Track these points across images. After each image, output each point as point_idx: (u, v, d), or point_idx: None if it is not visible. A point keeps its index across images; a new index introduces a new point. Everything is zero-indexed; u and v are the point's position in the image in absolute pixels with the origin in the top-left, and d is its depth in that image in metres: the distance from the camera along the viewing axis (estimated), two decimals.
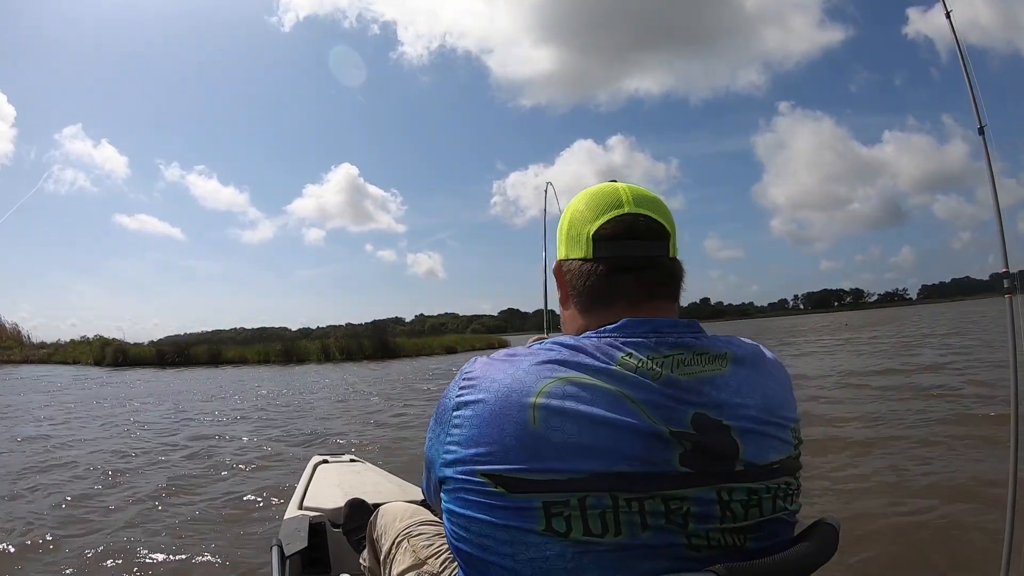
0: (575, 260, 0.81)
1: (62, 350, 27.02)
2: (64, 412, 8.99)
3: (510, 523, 0.65)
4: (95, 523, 3.55)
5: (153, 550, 3.06)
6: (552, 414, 0.65)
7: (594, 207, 0.81)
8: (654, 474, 0.65)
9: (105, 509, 3.84)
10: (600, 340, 0.72)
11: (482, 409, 0.69)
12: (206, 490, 4.24)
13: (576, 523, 0.63)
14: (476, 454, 0.68)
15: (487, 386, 0.70)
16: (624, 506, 0.64)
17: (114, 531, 3.38)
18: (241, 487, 4.29)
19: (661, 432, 0.66)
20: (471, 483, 0.68)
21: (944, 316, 32.42)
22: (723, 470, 0.68)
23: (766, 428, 0.72)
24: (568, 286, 0.83)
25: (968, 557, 2.64)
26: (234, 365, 22.12)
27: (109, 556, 2.99)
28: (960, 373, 7.67)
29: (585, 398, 0.66)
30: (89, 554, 3.02)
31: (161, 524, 3.48)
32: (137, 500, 4.01)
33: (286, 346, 24.23)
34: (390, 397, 9.99)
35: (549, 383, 0.67)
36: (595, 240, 0.79)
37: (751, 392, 0.73)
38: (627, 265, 0.79)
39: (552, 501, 0.64)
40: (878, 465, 4.06)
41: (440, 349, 26.74)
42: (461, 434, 0.70)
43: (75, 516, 3.69)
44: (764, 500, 0.70)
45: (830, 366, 10.71)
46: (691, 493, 0.66)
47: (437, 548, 1.08)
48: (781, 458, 0.73)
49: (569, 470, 0.64)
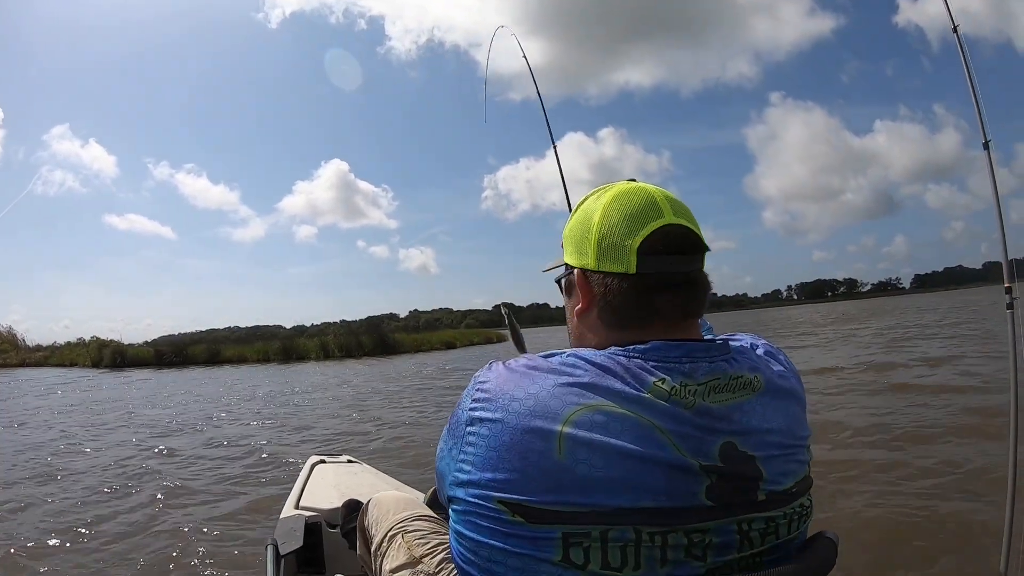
0: (612, 274, 0.74)
1: (58, 352, 26.91)
2: (67, 416, 8.97)
3: (524, 551, 0.63)
4: (93, 522, 3.55)
5: (149, 548, 3.08)
6: (579, 445, 0.62)
7: (634, 216, 0.74)
8: (679, 508, 0.63)
9: (104, 508, 3.84)
10: (630, 361, 0.68)
11: (500, 430, 0.64)
12: (203, 489, 4.23)
13: (595, 555, 0.61)
14: (493, 479, 0.64)
15: (506, 404, 0.66)
16: (647, 540, 0.62)
17: (111, 530, 3.39)
18: (238, 486, 4.28)
19: (690, 466, 0.64)
20: (485, 508, 0.64)
21: (942, 306, 32.26)
22: (746, 500, 0.67)
23: (788, 452, 0.71)
24: (596, 298, 0.76)
25: (968, 552, 2.66)
26: (233, 364, 22.02)
27: (106, 556, 3.01)
28: (966, 371, 7.63)
29: (613, 429, 0.63)
30: (86, 554, 3.03)
31: (157, 523, 3.49)
32: (134, 499, 4.02)
33: (285, 344, 24.11)
34: (390, 395, 9.96)
35: (576, 411, 0.63)
36: (639, 255, 0.72)
37: (776, 416, 0.72)
38: (668, 282, 0.73)
39: (572, 532, 0.61)
40: (878, 458, 4.10)
41: (439, 345, 26.75)
42: (476, 454, 0.66)
43: (75, 515, 3.70)
44: (781, 526, 0.69)
45: (851, 356, 10.43)
46: (712, 525, 0.65)
47: (432, 547, 1.05)
48: (798, 480, 0.72)
49: (593, 504, 0.61)
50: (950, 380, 6.91)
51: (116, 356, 23.36)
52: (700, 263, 0.76)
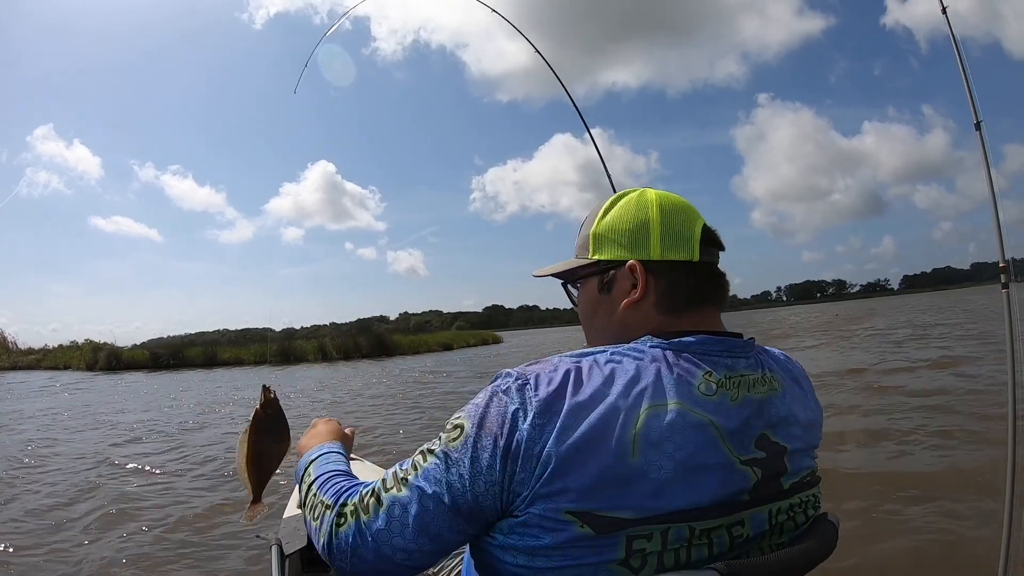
0: (677, 262, 0.77)
1: (51, 355, 26.42)
2: (71, 418, 8.78)
3: (584, 560, 0.62)
4: (93, 522, 3.51)
5: (152, 549, 3.04)
6: (650, 447, 0.62)
7: (685, 212, 0.81)
8: (726, 503, 0.66)
9: (103, 508, 3.80)
10: (679, 356, 0.70)
11: (571, 439, 0.62)
12: (205, 489, 4.21)
13: (652, 560, 0.62)
14: (564, 489, 0.61)
15: (574, 411, 0.63)
16: (697, 538, 0.64)
17: (113, 530, 3.35)
18: (240, 486, 4.20)
19: (737, 463, 0.67)
20: (549, 522, 0.62)
21: (939, 305, 32.38)
22: (775, 491, 0.71)
23: (808, 445, 0.78)
24: (654, 289, 0.77)
25: (966, 555, 2.65)
26: (229, 366, 21.85)
27: (108, 556, 2.97)
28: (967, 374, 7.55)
29: (678, 429, 0.64)
30: (87, 555, 2.99)
31: (161, 523, 3.45)
32: (136, 499, 3.97)
33: (282, 346, 23.82)
34: (391, 395, 9.93)
35: (645, 411, 0.63)
36: (702, 245, 0.79)
37: (799, 410, 0.77)
38: (714, 272, 0.81)
39: (636, 535, 0.62)
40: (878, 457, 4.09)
41: (437, 347, 26.63)
42: (542, 471, 0.62)
43: (73, 515, 3.65)
44: (798, 513, 0.74)
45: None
46: (748, 516, 0.68)
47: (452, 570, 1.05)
48: (811, 470, 0.78)
49: (662, 507, 0.62)
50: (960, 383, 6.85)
51: (111, 359, 23.02)
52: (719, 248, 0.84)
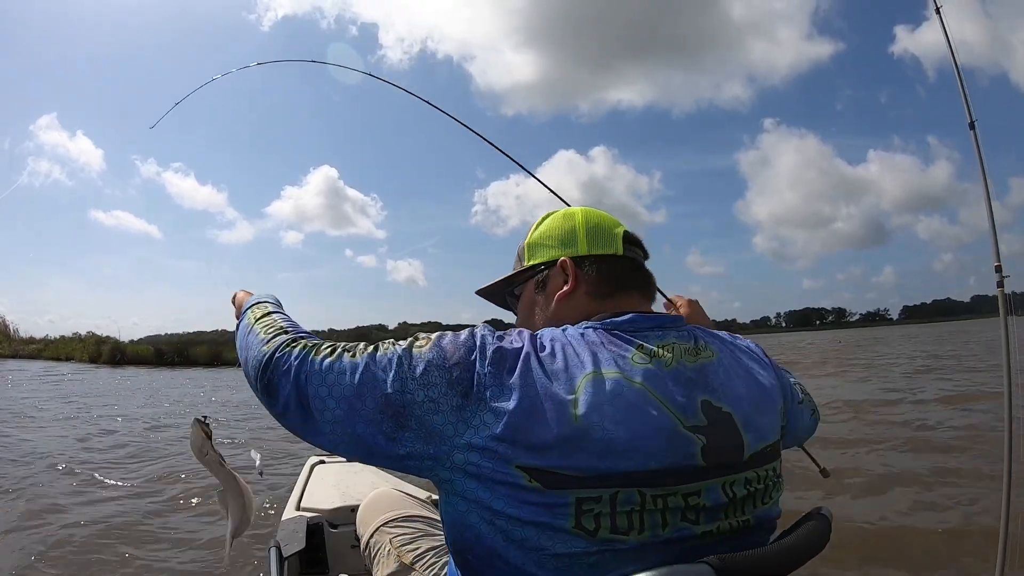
0: (602, 255, 0.86)
1: (52, 345, 26.21)
2: (80, 409, 8.80)
3: (540, 519, 0.64)
4: (90, 521, 3.46)
5: (150, 550, 3.00)
6: (591, 410, 0.65)
7: (607, 217, 0.91)
8: (677, 469, 0.67)
9: (101, 508, 3.75)
10: (611, 333, 0.75)
11: (522, 396, 0.65)
12: (203, 490, 4.14)
13: (605, 521, 0.63)
14: (513, 444, 0.64)
15: (525, 371, 0.67)
16: (650, 503, 0.65)
17: (111, 531, 3.29)
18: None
19: (680, 427, 0.68)
20: (501, 475, 0.64)
21: (941, 335, 32.17)
22: (732, 461, 0.71)
23: (759, 412, 0.77)
24: (584, 280, 0.85)
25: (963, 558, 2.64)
26: (235, 367, 21.65)
27: (105, 556, 2.92)
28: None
29: (614, 393, 0.67)
30: (86, 554, 2.94)
31: (158, 524, 3.41)
32: (134, 500, 3.92)
33: None
34: None
35: (586, 376, 0.67)
36: (625, 241, 0.87)
37: (740, 375, 0.79)
38: (639, 267, 0.88)
39: (585, 497, 0.63)
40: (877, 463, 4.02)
41: None
42: (496, 419, 0.65)
43: (70, 514, 3.59)
44: (759, 491, 0.73)
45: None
46: (704, 486, 0.68)
47: (422, 552, 1.04)
48: (773, 441, 0.77)
49: (607, 468, 0.64)
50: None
51: (115, 352, 22.73)
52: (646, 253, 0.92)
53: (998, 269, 1.82)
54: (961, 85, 2.01)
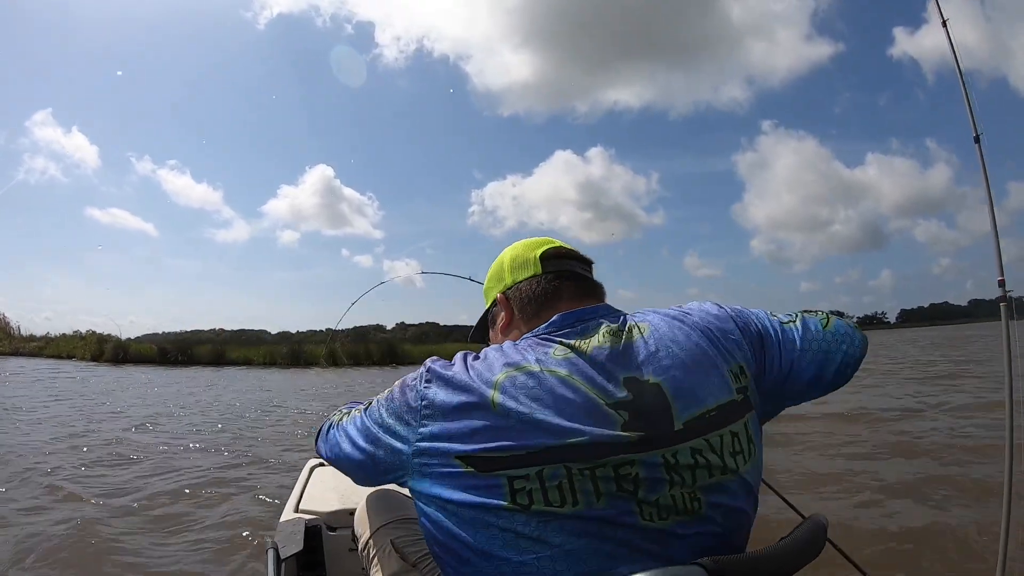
0: (524, 280, 0.95)
1: (53, 343, 25.97)
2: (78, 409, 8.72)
3: (479, 500, 0.72)
4: (87, 521, 3.42)
5: (147, 552, 2.98)
6: (508, 399, 0.74)
7: (531, 244, 0.99)
8: (602, 443, 0.71)
9: (98, 507, 3.71)
10: (536, 338, 0.84)
11: (449, 398, 0.77)
12: (201, 491, 4.14)
13: (537, 495, 0.70)
14: (448, 439, 0.75)
15: (449, 379, 0.79)
16: (577, 475, 0.70)
17: (107, 530, 3.27)
18: (237, 489, 4.20)
19: (600, 403, 0.74)
20: (446, 465, 0.75)
21: (939, 339, 31.87)
22: (665, 432, 0.73)
23: (694, 375, 0.78)
24: (515, 306, 0.95)
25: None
26: (237, 366, 21.74)
27: (101, 557, 2.89)
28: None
29: (533, 383, 0.75)
30: (79, 555, 2.91)
31: (155, 525, 3.39)
32: (131, 500, 3.89)
33: (293, 349, 23.70)
34: None
35: (503, 374, 0.77)
36: (542, 260, 0.95)
37: (673, 342, 0.81)
38: (567, 274, 0.94)
39: (515, 476, 0.71)
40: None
41: (448, 357, 26.45)
42: (431, 422, 0.77)
43: (66, 515, 3.55)
44: (710, 457, 0.74)
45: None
46: (638, 458, 0.71)
47: (426, 553, 1.04)
48: (719, 403, 0.77)
49: (526, 445, 0.71)
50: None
51: (118, 351, 22.58)
52: (591, 273, 0.98)
53: (1001, 284, 1.82)
54: (967, 98, 2.01)
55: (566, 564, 0.69)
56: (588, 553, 0.70)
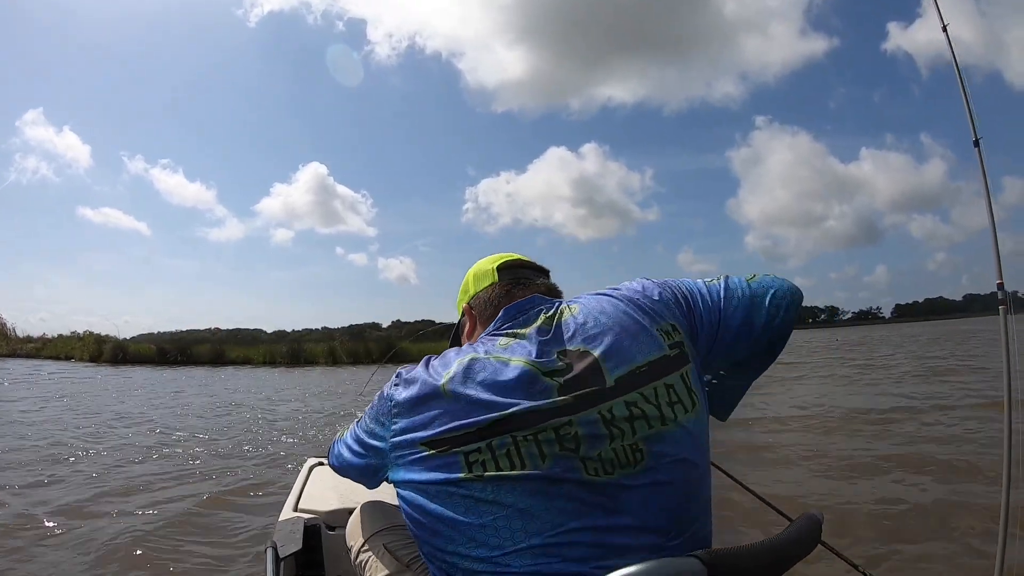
0: (484, 288, 1.06)
1: (51, 344, 25.82)
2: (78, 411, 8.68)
3: (444, 476, 0.81)
4: (86, 521, 3.41)
5: (145, 551, 2.97)
6: (457, 385, 0.84)
7: (491, 259, 1.10)
8: (541, 409, 0.80)
9: (98, 507, 3.70)
10: (487, 335, 0.95)
11: (412, 395, 0.87)
12: (201, 490, 4.13)
13: (490, 464, 0.79)
14: (412, 430, 0.86)
15: (411, 379, 0.90)
16: (523, 441, 0.79)
17: (107, 531, 3.26)
18: (236, 488, 4.18)
19: (537, 374, 0.83)
20: (413, 452, 0.85)
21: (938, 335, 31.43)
22: (597, 391, 0.81)
23: (622, 338, 0.86)
24: (476, 313, 1.06)
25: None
26: (237, 366, 21.66)
27: (99, 557, 2.89)
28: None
29: (479, 368, 0.85)
30: (77, 555, 2.91)
31: (154, 525, 3.37)
32: (129, 500, 3.88)
33: (292, 348, 23.62)
34: None
35: (455, 366, 0.87)
36: (498, 270, 1.06)
37: (601, 313, 0.90)
38: (522, 281, 1.05)
39: (469, 451, 0.80)
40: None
41: None
42: (400, 419, 0.88)
43: (65, 514, 3.55)
44: (646, 408, 0.81)
45: None
46: (576, 418, 0.79)
47: (418, 555, 1.06)
48: (649, 359, 0.84)
49: (475, 422, 0.80)
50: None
51: (117, 351, 22.49)
52: (548, 279, 1.09)
53: (1000, 287, 1.84)
54: (967, 103, 2.03)
55: (521, 522, 0.77)
56: (540, 510, 0.77)
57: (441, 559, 0.84)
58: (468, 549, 0.80)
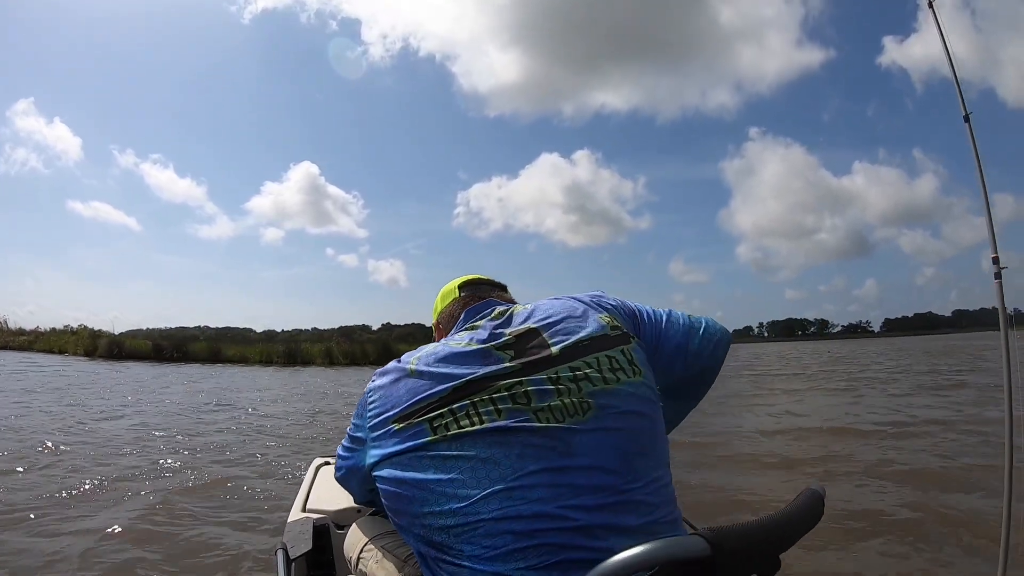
0: (447, 305, 1.21)
1: (44, 338, 25.62)
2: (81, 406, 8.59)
3: (413, 443, 0.90)
4: (94, 522, 3.37)
5: (155, 553, 2.95)
6: (422, 365, 0.97)
7: (456, 280, 1.24)
8: (494, 374, 0.91)
9: (104, 508, 3.66)
10: (450, 335, 1.10)
11: (385, 381, 0.99)
12: (209, 492, 4.10)
13: (452, 425, 0.88)
14: (384, 411, 0.96)
15: (386, 370, 1.01)
16: (480, 403, 0.89)
17: (114, 532, 3.21)
18: (244, 490, 4.17)
19: (490, 349, 0.96)
20: (388, 432, 0.94)
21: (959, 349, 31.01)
22: (544, 357, 0.93)
23: (568, 320, 0.99)
24: (443, 326, 1.20)
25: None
26: (234, 364, 21.57)
27: (106, 557, 2.86)
28: None
29: (442, 351, 0.98)
30: (86, 556, 2.86)
31: (163, 527, 3.34)
32: (138, 502, 3.83)
33: (290, 348, 23.70)
34: None
35: (420, 353, 1.00)
36: (459, 288, 1.21)
37: (549, 306, 1.04)
38: (480, 296, 1.18)
39: (433, 417, 0.89)
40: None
41: None
42: (375, 406, 0.98)
43: (72, 515, 3.49)
44: (589, 372, 0.92)
45: None
46: (525, 379, 0.90)
47: (411, 553, 1.09)
48: (591, 335, 0.97)
49: (438, 392, 0.91)
50: None
51: (113, 347, 22.29)
52: (506, 292, 1.24)
53: (995, 260, 1.81)
54: (956, 79, 2.01)
55: (485, 470, 0.85)
56: (500, 457, 0.85)
57: (419, 527, 0.90)
58: (440, 505, 0.86)
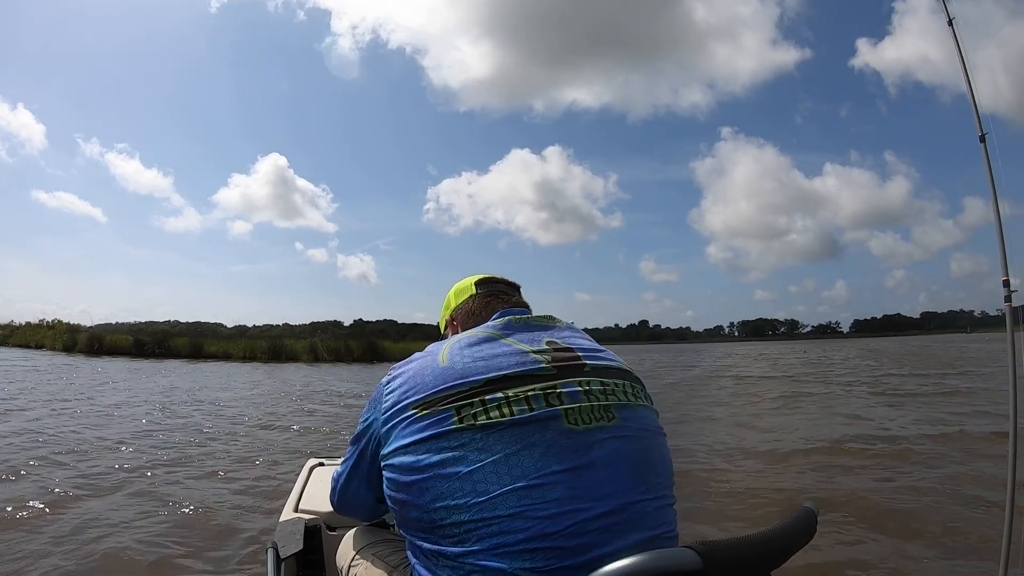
0: (463, 302, 1.22)
1: (19, 332, 24.72)
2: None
3: (436, 431, 0.87)
4: (86, 522, 3.30)
5: (146, 552, 2.94)
6: (454, 354, 0.96)
7: (470, 278, 1.26)
8: (531, 374, 0.92)
9: (97, 506, 3.61)
10: (475, 329, 1.06)
11: (407, 374, 0.97)
12: (201, 492, 4.05)
13: (480, 416, 0.87)
14: (405, 396, 0.93)
15: (410, 359, 1.00)
16: (513, 398, 0.88)
17: (106, 531, 3.17)
18: (237, 489, 4.13)
19: (527, 351, 0.96)
20: (405, 419, 0.91)
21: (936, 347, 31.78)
22: (578, 366, 0.96)
23: (597, 350, 1.03)
24: (459, 323, 1.21)
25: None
26: (216, 360, 21.27)
27: (100, 557, 2.83)
28: None
29: (474, 340, 0.99)
30: (78, 555, 2.84)
31: (155, 526, 3.31)
32: (131, 500, 3.78)
33: (273, 344, 23.50)
34: None
35: (452, 342, 0.99)
36: (476, 286, 1.23)
37: (578, 338, 1.06)
38: (496, 294, 1.21)
39: (461, 405, 0.88)
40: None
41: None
42: (393, 394, 0.95)
43: (63, 513, 3.44)
44: (616, 389, 0.96)
45: None
46: (559, 384, 0.92)
47: (404, 561, 1.10)
48: (619, 367, 1.01)
49: (470, 381, 0.90)
50: None
51: (93, 342, 21.53)
52: (519, 295, 1.25)
53: (1006, 283, 1.81)
54: (973, 100, 2.01)
55: (507, 467, 0.84)
56: (525, 455, 0.85)
57: (428, 520, 0.87)
58: (457, 499, 0.84)
